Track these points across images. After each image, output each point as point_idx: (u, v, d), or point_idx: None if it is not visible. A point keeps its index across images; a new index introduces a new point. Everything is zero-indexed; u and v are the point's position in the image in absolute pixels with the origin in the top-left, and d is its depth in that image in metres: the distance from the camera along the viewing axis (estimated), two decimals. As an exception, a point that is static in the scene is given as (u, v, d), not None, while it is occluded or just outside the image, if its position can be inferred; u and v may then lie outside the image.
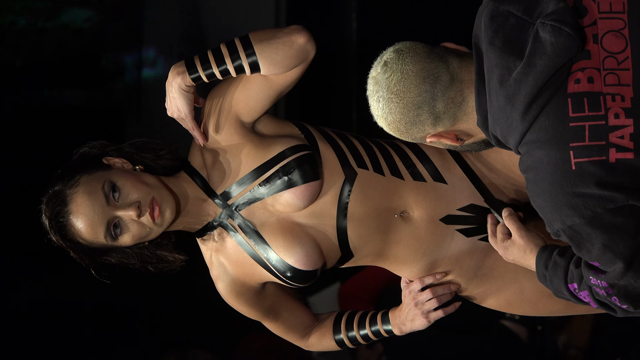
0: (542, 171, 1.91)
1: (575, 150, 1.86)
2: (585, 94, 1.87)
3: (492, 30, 1.92)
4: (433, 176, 2.31)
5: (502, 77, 1.90)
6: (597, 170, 1.85)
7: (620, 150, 1.85)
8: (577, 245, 1.93)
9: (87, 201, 2.13)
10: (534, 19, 1.90)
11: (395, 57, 2.00)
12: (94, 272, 2.23)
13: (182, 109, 2.22)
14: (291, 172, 2.22)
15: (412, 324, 2.36)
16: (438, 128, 2.02)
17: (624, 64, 1.88)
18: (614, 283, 1.90)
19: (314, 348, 2.44)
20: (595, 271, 1.93)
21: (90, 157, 2.21)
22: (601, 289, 1.93)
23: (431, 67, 1.98)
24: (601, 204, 1.85)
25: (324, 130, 2.34)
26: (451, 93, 1.98)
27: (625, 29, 1.89)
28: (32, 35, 5.00)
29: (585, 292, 1.99)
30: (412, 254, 2.31)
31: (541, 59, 1.86)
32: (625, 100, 1.86)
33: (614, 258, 1.88)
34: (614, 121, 1.86)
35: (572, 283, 2.02)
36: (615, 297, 1.93)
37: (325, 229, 2.26)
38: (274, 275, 2.26)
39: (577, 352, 4.20)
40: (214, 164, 2.27)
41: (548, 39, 1.86)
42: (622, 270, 1.87)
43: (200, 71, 2.19)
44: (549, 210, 1.93)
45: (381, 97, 2.01)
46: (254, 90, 2.23)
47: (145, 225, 2.16)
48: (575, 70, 1.88)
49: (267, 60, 2.18)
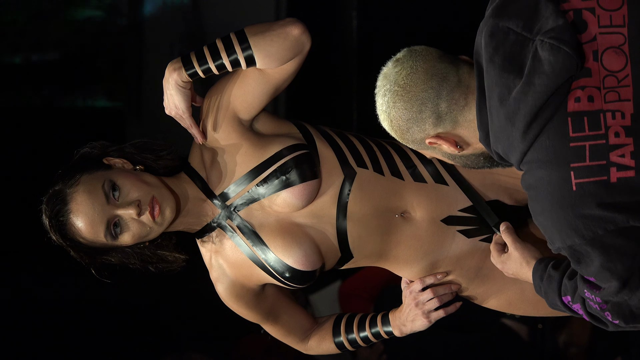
0: (543, 191, 1.90)
1: (576, 171, 1.86)
2: (585, 112, 1.85)
3: (492, 47, 1.91)
4: (434, 178, 2.31)
5: (502, 96, 1.89)
6: (598, 191, 1.84)
7: (621, 169, 1.84)
8: (576, 261, 1.93)
9: (87, 200, 2.13)
10: (534, 35, 1.88)
11: (408, 55, 2.02)
12: (94, 272, 2.23)
13: (180, 105, 2.22)
14: (289, 171, 2.22)
15: (412, 325, 2.35)
16: (438, 129, 2.01)
17: (624, 81, 1.86)
18: (608, 300, 1.91)
19: (314, 351, 2.44)
20: (591, 285, 1.94)
21: (90, 157, 2.21)
22: (595, 303, 1.94)
23: (441, 66, 1.99)
24: (602, 225, 1.85)
25: (323, 130, 2.34)
26: (456, 95, 1.98)
27: (625, 45, 1.87)
28: (32, 34, 5.00)
29: (578, 304, 2.00)
30: (413, 254, 2.31)
31: (540, 79, 1.85)
32: (625, 118, 1.85)
33: (610, 277, 1.88)
34: (615, 140, 1.84)
35: (566, 296, 2.03)
36: (608, 313, 1.93)
37: (325, 229, 2.26)
38: (272, 276, 2.25)
39: (578, 351, 4.19)
40: (213, 164, 2.27)
41: (547, 58, 1.85)
42: (617, 289, 1.88)
43: (197, 66, 2.19)
44: (549, 229, 1.93)
45: (388, 90, 2.01)
46: (250, 86, 2.23)
47: (146, 224, 2.15)
48: (575, 87, 1.86)
49: (262, 52, 2.17)
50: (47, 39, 5.02)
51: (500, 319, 4.08)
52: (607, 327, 2.00)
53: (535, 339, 4.13)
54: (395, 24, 4.82)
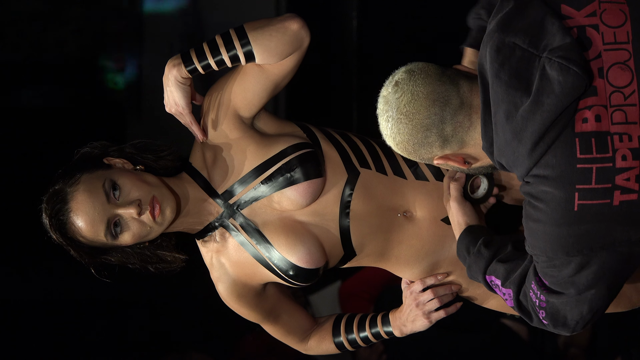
0: (543, 204, 1.91)
1: (580, 192, 1.86)
2: (593, 134, 1.86)
3: (498, 63, 1.91)
4: (436, 176, 2.32)
5: (509, 113, 1.89)
6: (598, 213, 1.86)
7: (624, 192, 1.85)
8: (547, 264, 1.95)
9: (88, 199, 2.13)
10: (540, 52, 1.88)
11: (407, 78, 1.99)
12: (94, 271, 2.23)
13: (179, 102, 2.22)
14: (293, 169, 2.22)
15: (413, 325, 2.35)
16: (446, 150, 2.01)
17: (631, 98, 1.86)
18: (553, 302, 1.95)
19: (313, 351, 2.44)
20: (542, 285, 1.96)
21: (91, 157, 2.21)
22: (536, 298, 1.97)
23: (442, 89, 1.97)
24: (589, 244, 1.88)
25: (326, 130, 2.34)
26: (460, 117, 1.97)
27: (631, 60, 1.87)
28: (33, 34, 5.00)
29: (509, 290, 2.03)
30: (414, 254, 2.31)
31: (549, 98, 1.85)
32: (632, 140, 1.85)
33: (570, 287, 1.92)
34: (621, 163, 1.85)
35: (490, 276, 2.08)
36: (543, 312, 1.97)
37: (328, 227, 2.26)
38: (276, 274, 2.25)
39: (578, 351, 4.19)
40: (215, 162, 2.26)
41: (556, 78, 1.85)
42: (568, 297, 1.92)
43: (196, 62, 2.19)
44: (537, 237, 1.94)
45: (390, 117, 2.00)
46: (250, 82, 2.23)
47: (146, 223, 2.15)
48: (583, 107, 1.86)
49: (261, 47, 2.17)
50: (47, 39, 5.02)
51: (500, 319, 4.08)
52: (530, 320, 2.04)
53: (535, 339, 4.13)
54: (395, 24, 4.82)
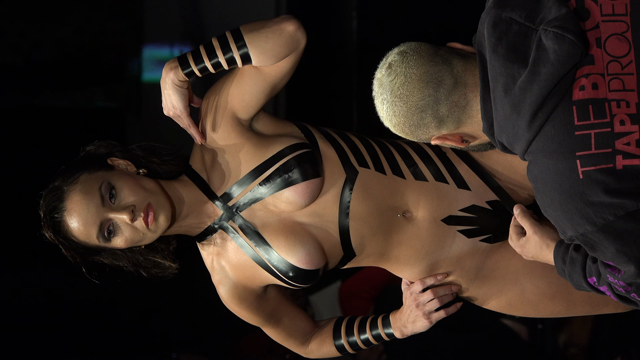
0: (550, 181, 1.91)
1: (582, 159, 1.86)
2: (590, 100, 1.86)
3: (495, 37, 1.92)
4: (435, 176, 2.31)
5: (507, 86, 1.90)
6: (605, 178, 1.85)
7: (627, 157, 1.85)
8: (590, 249, 1.93)
9: (83, 200, 2.13)
10: (537, 25, 1.89)
11: (400, 60, 2.01)
12: (85, 271, 2.22)
13: (177, 104, 2.22)
14: (291, 169, 2.22)
15: (413, 326, 2.35)
16: (442, 130, 2.02)
17: (628, 68, 1.87)
18: (632, 282, 1.92)
19: (314, 355, 2.44)
20: (612, 269, 1.94)
21: (95, 156, 2.21)
22: (619, 286, 1.95)
23: (434, 70, 1.98)
24: (612, 211, 1.85)
25: (325, 130, 2.34)
26: (455, 97, 1.98)
27: (629, 32, 1.88)
28: (32, 34, 5.00)
29: (605, 286, 2.00)
30: (414, 254, 2.31)
31: (545, 67, 1.86)
32: (630, 106, 1.86)
33: (627, 261, 1.88)
34: (620, 128, 1.85)
35: (591, 277, 2.02)
36: (635, 294, 1.94)
37: (327, 228, 2.26)
38: (276, 276, 2.25)
39: (578, 351, 4.19)
40: (214, 165, 2.26)
41: (551, 47, 1.86)
42: (636, 272, 1.88)
43: (193, 65, 2.19)
44: (560, 219, 1.93)
45: (385, 99, 2.02)
46: (247, 84, 2.23)
47: (139, 230, 2.15)
48: (580, 76, 1.87)
49: (258, 49, 2.17)
50: (47, 39, 5.02)
51: (500, 319, 4.08)
52: (638, 306, 2.01)
53: (535, 339, 4.13)
54: (395, 24, 4.81)
